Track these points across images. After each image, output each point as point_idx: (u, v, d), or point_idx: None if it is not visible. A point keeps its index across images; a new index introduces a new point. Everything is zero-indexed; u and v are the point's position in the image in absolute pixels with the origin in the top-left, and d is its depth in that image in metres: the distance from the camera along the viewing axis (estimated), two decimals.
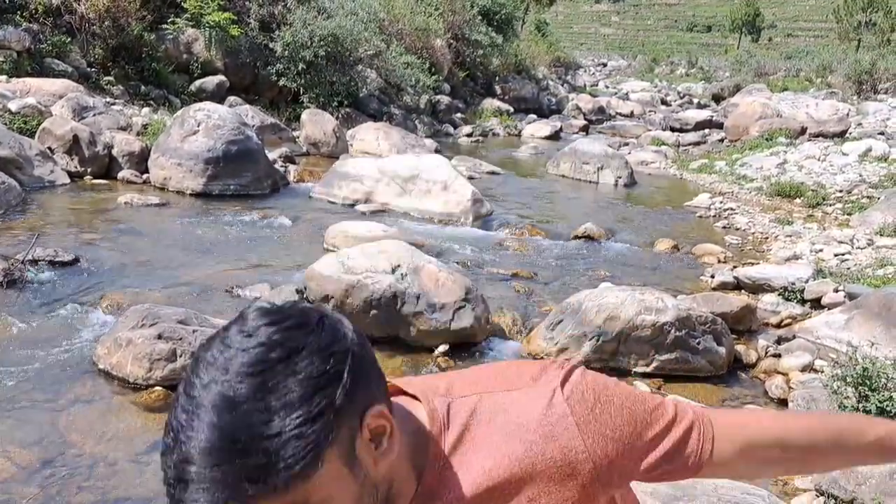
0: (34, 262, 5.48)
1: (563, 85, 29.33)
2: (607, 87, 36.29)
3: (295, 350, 0.73)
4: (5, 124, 8.38)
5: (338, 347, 0.76)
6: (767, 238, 8.68)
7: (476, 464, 0.88)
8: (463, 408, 0.90)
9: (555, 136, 17.78)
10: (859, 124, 16.37)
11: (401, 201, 8.72)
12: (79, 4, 11.73)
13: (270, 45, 13.75)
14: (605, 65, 57.87)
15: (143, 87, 11.98)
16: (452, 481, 0.88)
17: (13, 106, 8.98)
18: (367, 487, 0.79)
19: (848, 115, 16.97)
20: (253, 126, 10.36)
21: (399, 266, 5.04)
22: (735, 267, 7.13)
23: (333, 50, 13.97)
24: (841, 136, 14.74)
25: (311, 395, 0.72)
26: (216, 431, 0.69)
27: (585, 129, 20.03)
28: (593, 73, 47.13)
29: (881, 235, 8.16)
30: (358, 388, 0.77)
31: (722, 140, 16.98)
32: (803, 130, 15.23)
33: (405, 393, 0.93)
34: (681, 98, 30.67)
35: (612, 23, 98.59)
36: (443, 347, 4.88)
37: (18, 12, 11.19)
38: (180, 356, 4.13)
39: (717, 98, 27.37)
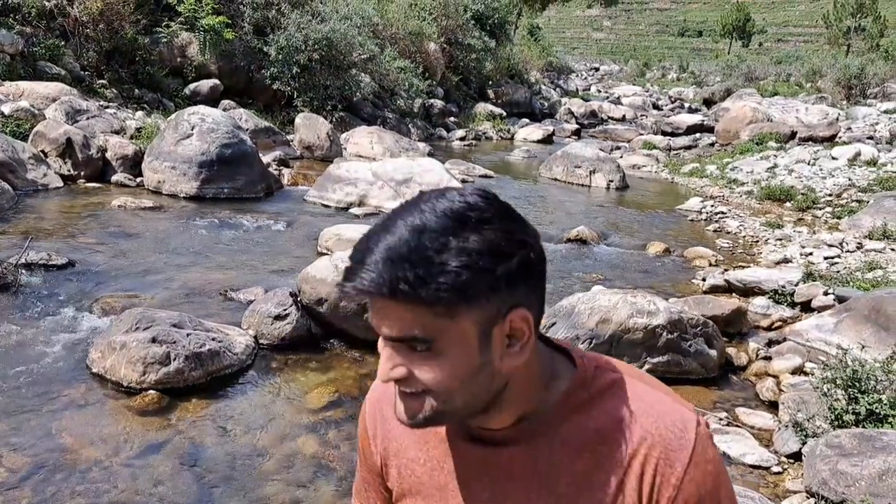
0: (27, 265, 5.47)
1: (555, 89, 29.42)
2: (599, 91, 36.42)
3: (489, 220, 0.84)
4: None
5: (521, 239, 0.86)
6: (758, 241, 8.74)
7: (597, 420, 0.94)
8: (606, 376, 0.95)
9: (547, 140, 17.86)
10: (849, 129, 16.49)
11: (394, 204, 8.71)
12: (72, 8, 11.72)
13: (264, 49, 13.75)
14: (597, 69, 58.10)
15: (136, 91, 11.98)
16: (585, 415, 0.94)
17: (6, 109, 8.96)
18: (485, 371, 0.87)
19: (837, 119, 17.12)
20: (247, 130, 10.37)
21: None
22: (726, 270, 7.18)
23: (327, 54, 13.99)
24: (830, 140, 14.86)
25: (482, 253, 0.81)
26: (399, 240, 0.82)
27: (578, 133, 20.11)
28: (585, 78, 47.28)
29: (870, 239, 8.24)
30: (519, 283, 0.85)
31: (713, 144, 17.09)
32: (793, 135, 15.35)
33: (554, 346, 0.99)
34: (672, 102, 30.83)
35: (604, 27, 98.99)
36: None
37: (11, 15, 11.17)
38: (174, 360, 4.14)
39: (709, 102, 27.53)
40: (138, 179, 8.80)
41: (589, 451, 0.92)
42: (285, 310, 4.87)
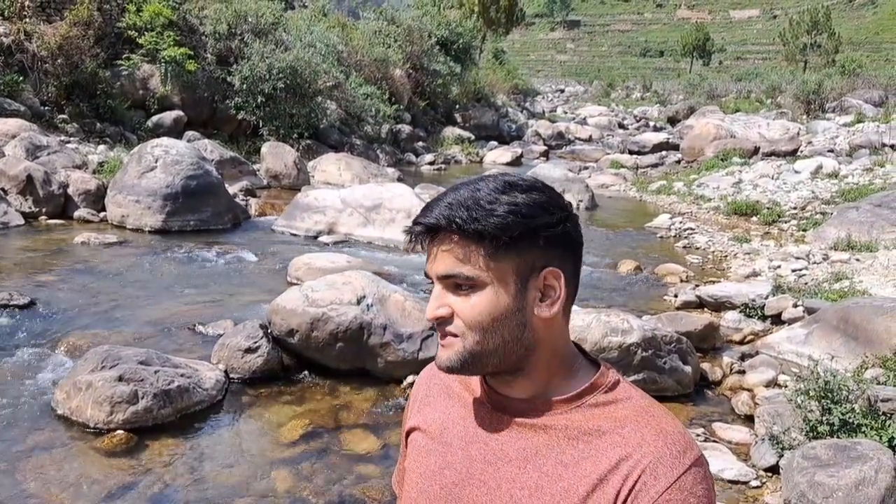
0: None
1: (522, 111, 29.73)
2: (565, 112, 36.87)
3: (536, 188, 0.99)
4: None
5: (561, 207, 1.00)
6: (727, 256, 8.84)
7: (601, 420, 0.99)
8: (625, 389, 1.03)
9: (516, 162, 17.99)
10: (809, 143, 16.87)
11: (364, 231, 8.70)
12: (30, 43, 11.58)
13: (228, 79, 13.71)
14: (562, 91, 58.90)
15: (98, 125, 11.82)
16: (592, 412, 1.00)
17: None
18: (518, 318, 0.98)
19: (798, 134, 17.50)
20: (212, 160, 10.28)
21: (364, 297, 5.01)
22: (697, 286, 7.23)
23: (292, 82, 13.98)
24: (792, 154, 15.18)
25: (526, 206, 0.96)
26: (459, 195, 0.98)
27: (546, 155, 20.29)
28: (551, 99, 47.89)
29: (835, 250, 8.37)
30: (555, 246, 0.98)
31: (679, 161, 17.34)
32: (756, 150, 15.65)
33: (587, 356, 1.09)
34: (637, 121, 31.28)
35: (568, 49, 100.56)
36: (411, 378, 4.83)
37: None
38: (142, 398, 4.03)
39: (673, 120, 27.99)
40: (102, 214, 8.64)
41: (584, 442, 0.97)
42: (256, 342, 4.78)
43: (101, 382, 4.03)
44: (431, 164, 16.87)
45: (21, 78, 11.35)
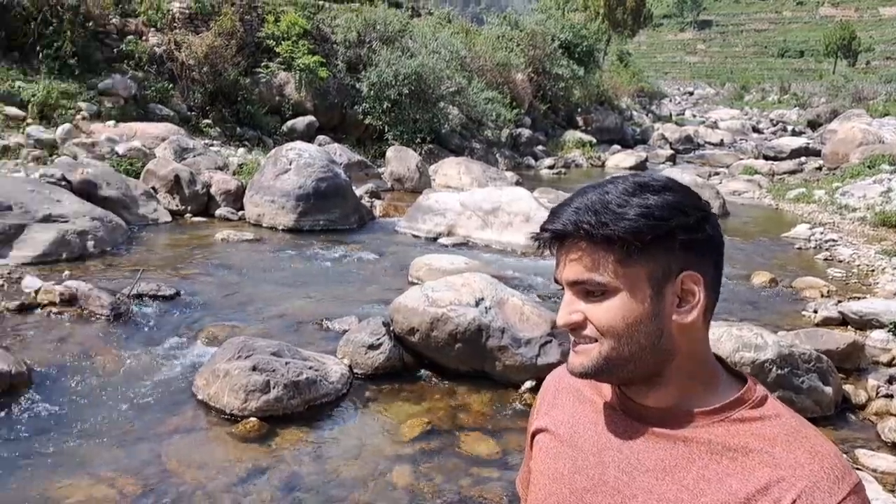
0: (139, 296, 5.76)
1: (647, 115, 28.92)
2: (694, 115, 35.52)
3: (670, 189, 0.95)
4: (113, 167, 8.94)
5: (699, 207, 0.95)
6: (874, 270, 8.20)
7: (747, 437, 0.93)
8: (774, 406, 0.96)
9: (640, 167, 17.49)
10: None
11: (483, 234, 8.73)
12: (180, 53, 12.46)
13: (357, 86, 14.18)
14: (691, 93, 56.78)
15: (238, 129, 12.57)
16: (737, 428, 0.94)
17: (120, 149, 9.57)
18: (654, 324, 0.94)
19: None
20: (341, 163, 10.65)
21: (483, 299, 5.02)
22: (839, 301, 6.75)
23: (417, 88, 14.27)
24: None
25: (659, 208, 0.92)
26: (588, 199, 0.94)
27: (672, 159, 19.62)
28: (679, 102, 46.28)
29: None
30: (693, 248, 0.94)
31: (820, 168, 16.32)
32: None
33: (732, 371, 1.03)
34: (774, 125, 29.69)
35: (698, 51, 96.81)
36: (529, 384, 4.79)
37: (126, 61, 12.00)
38: (274, 388, 4.22)
39: (813, 125, 26.37)
40: (240, 213, 9.15)
41: (729, 458, 0.92)
42: (378, 339, 4.90)
43: (237, 371, 4.27)
44: (551, 167, 16.71)
45: (171, 85, 12.26)
